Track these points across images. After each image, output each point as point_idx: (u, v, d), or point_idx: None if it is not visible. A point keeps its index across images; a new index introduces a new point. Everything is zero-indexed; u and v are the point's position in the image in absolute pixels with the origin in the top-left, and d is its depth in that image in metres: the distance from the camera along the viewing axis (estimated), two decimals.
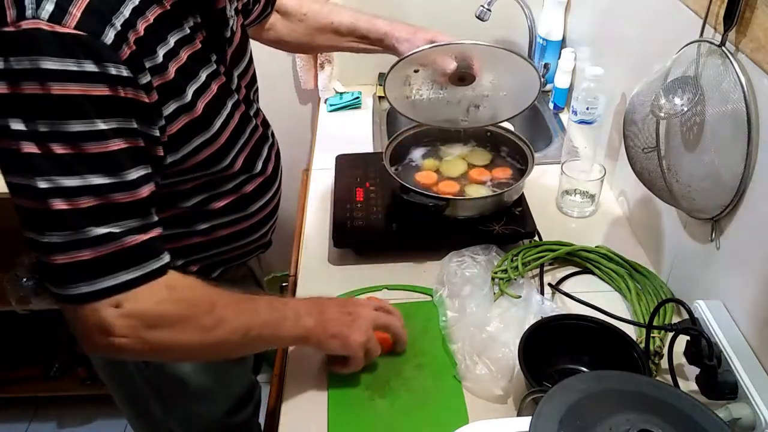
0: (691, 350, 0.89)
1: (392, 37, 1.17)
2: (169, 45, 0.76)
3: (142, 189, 0.74)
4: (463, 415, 0.93)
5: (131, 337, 0.75)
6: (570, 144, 1.41)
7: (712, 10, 0.90)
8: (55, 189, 0.68)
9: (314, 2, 1.21)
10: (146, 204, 0.75)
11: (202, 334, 0.80)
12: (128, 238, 0.72)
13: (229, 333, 0.82)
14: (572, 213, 1.33)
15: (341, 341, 0.91)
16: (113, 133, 0.69)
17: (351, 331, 0.92)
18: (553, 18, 1.67)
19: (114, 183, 0.71)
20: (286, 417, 0.95)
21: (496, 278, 1.11)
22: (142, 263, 0.74)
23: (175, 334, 0.78)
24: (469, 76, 1.19)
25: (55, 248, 0.70)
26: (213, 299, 0.81)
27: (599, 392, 0.65)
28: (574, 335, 0.97)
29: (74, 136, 0.67)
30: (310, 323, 0.89)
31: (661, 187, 1.01)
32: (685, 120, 0.95)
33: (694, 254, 1.03)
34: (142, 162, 0.74)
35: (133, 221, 0.73)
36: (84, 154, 0.68)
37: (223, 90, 0.86)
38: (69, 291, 0.72)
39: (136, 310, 0.74)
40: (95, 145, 0.68)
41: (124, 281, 0.72)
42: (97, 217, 0.70)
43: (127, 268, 0.73)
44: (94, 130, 0.68)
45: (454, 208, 1.18)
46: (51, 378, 2.05)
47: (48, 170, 0.67)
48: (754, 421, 0.79)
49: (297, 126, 1.92)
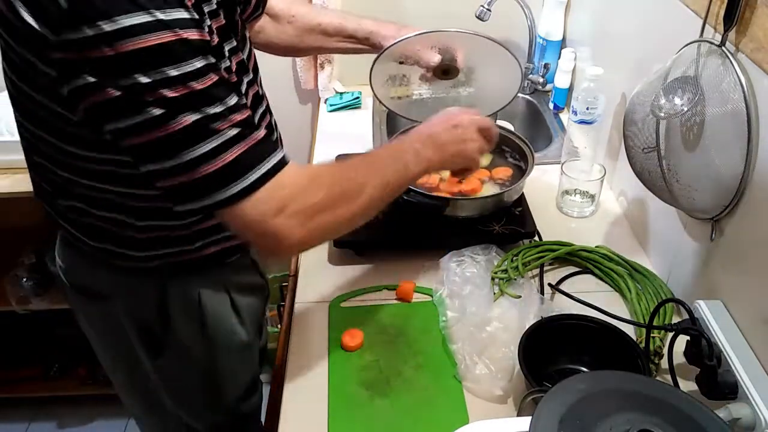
0: (691, 350, 0.89)
1: (378, 35, 1.18)
2: (206, 13, 0.79)
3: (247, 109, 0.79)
4: (463, 415, 0.93)
5: (302, 233, 0.79)
6: (570, 144, 1.41)
7: (712, 10, 0.90)
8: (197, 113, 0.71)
9: (302, 5, 1.23)
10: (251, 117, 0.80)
11: (353, 204, 0.84)
12: (255, 134, 0.76)
13: (372, 193, 0.86)
14: (572, 213, 1.33)
15: (461, 157, 0.99)
16: (209, 68, 0.73)
17: (465, 144, 0.99)
18: (553, 18, 1.67)
19: (234, 101, 0.75)
20: (286, 416, 0.95)
21: (496, 278, 1.11)
22: (272, 152, 0.78)
23: (334, 213, 0.83)
24: (454, 69, 1.20)
25: (201, 160, 0.73)
26: (348, 170, 0.87)
27: (599, 392, 0.65)
28: (574, 335, 0.97)
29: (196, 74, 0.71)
30: (430, 154, 0.94)
31: (661, 187, 1.01)
32: (685, 120, 0.95)
33: (694, 254, 1.03)
34: (236, 86, 0.80)
35: (250, 123, 0.77)
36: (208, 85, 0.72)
37: (240, 66, 0.88)
38: (224, 194, 0.75)
39: (299, 208, 0.78)
40: (198, 81, 0.72)
41: (268, 169, 0.76)
42: (231, 122, 0.74)
43: (263, 159, 0.76)
44: (206, 64, 0.72)
45: (454, 208, 1.18)
46: (51, 378, 2.05)
47: (186, 100, 0.71)
48: (754, 421, 0.79)
49: (297, 126, 1.92)
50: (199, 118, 0.71)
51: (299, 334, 1.08)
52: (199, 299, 0.98)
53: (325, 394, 0.96)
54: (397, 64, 1.20)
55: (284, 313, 1.25)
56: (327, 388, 0.97)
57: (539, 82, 1.74)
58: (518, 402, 0.89)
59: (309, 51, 1.57)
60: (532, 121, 1.75)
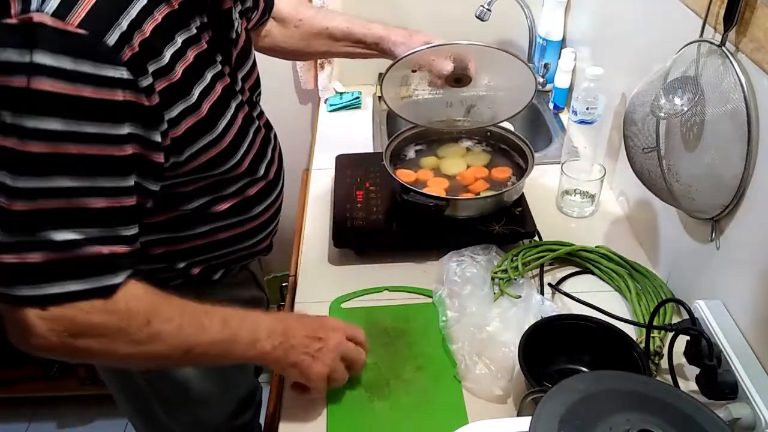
0: (691, 350, 0.89)
1: (388, 41, 1.17)
2: (176, 45, 0.75)
3: (122, 198, 0.72)
4: (462, 415, 0.93)
5: (54, 341, 0.71)
6: (570, 144, 1.41)
7: (712, 10, 0.90)
8: (19, 189, 0.66)
9: (309, 8, 1.22)
10: (121, 215, 0.72)
11: (134, 347, 0.76)
12: (89, 248, 0.69)
13: (167, 349, 0.78)
14: (572, 213, 1.33)
15: (301, 371, 0.87)
16: (97, 138, 0.67)
17: (313, 361, 0.87)
18: (553, 18, 1.67)
19: (88, 188, 0.68)
20: (286, 418, 0.94)
21: (496, 278, 1.11)
22: (95, 276, 0.70)
23: (103, 344, 0.74)
24: (466, 77, 1.20)
25: (3, 248, 0.67)
26: (153, 312, 0.76)
27: (599, 392, 0.65)
28: (574, 335, 0.97)
29: (54, 135, 0.65)
30: (268, 347, 0.85)
31: (661, 187, 1.01)
32: (685, 120, 0.95)
33: (694, 254, 1.03)
34: (127, 170, 0.71)
35: (98, 230, 0.70)
36: (60, 154, 0.66)
37: (227, 91, 0.85)
38: (7, 291, 0.69)
39: (61, 316, 0.70)
40: (75, 146, 0.66)
41: (69, 292, 0.69)
42: (60, 221, 0.68)
43: (77, 279, 0.69)
44: (78, 132, 0.66)
45: (454, 208, 1.18)
46: (51, 378, 2.04)
47: (18, 168, 0.65)
48: (754, 421, 0.79)
49: (297, 126, 1.92)
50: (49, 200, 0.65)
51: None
52: None
53: (324, 395, 0.96)
54: (407, 69, 1.19)
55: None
56: (326, 389, 0.97)
57: (539, 82, 1.74)
58: (518, 402, 0.89)
59: (315, 55, 1.56)
60: (532, 121, 1.75)
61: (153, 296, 0.77)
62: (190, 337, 0.79)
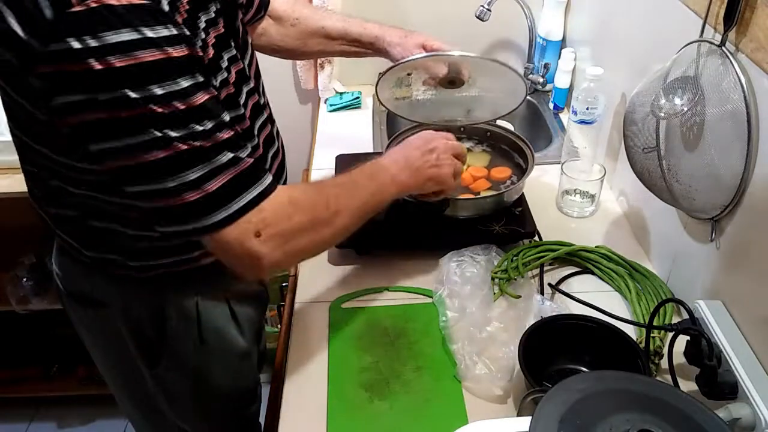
0: (691, 350, 0.89)
1: (383, 40, 1.19)
2: (202, 24, 0.78)
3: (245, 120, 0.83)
4: (462, 415, 0.93)
5: (278, 255, 0.80)
6: (570, 144, 1.41)
7: (712, 10, 0.90)
8: (192, 133, 0.72)
9: (305, 7, 1.22)
10: (246, 132, 0.83)
11: (328, 228, 0.86)
12: (241, 163, 0.77)
13: (349, 217, 0.88)
14: (572, 213, 1.33)
15: (436, 180, 1.02)
16: (200, 86, 0.73)
17: (440, 168, 1.01)
18: (553, 18, 1.67)
19: (224, 120, 0.76)
20: (285, 418, 0.95)
21: (496, 278, 1.11)
22: (257, 181, 0.78)
23: (310, 236, 0.84)
24: (459, 80, 1.22)
25: (185, 188, 0.73)
26: (325, 195, 0.87)
27: (599, 392, 0.65)
28: (574, 335, 0.97)
29: (182, 93, 0.70)
30: (405, 178, 0.97)
31: (661, 187, 1.01)
32: (685, 120, 0.95)
33: (694, 254, 1.03)
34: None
35: (240, 145, 0.78)
36: (192, 106, 0.72)
37: (240, 75, 0.88)
38: (205, 222, 0.75)
39: (276, 231, 0.79)
40: (201, 94, 0.72)
41: (251, 199, 0.77)
42: (218, 143, 0.75)
43: (248, 188, 0.77)
44: (193, 83, 0.71)
45: (454, 208, 1.18)
46: (51, 378, 2.05)
47: (171, 121, 0.70)
48: (754, 421, 0.79)
49: (297, 126, 1.92)
50: (184, 143, 0.71)
51: (299, 334, 1.08)
52: (197, 309, 0.98)
53: (324, 395, 0.96)
54: (402, 72, 1.21)
55: (284, 313, 1.25)
56: (326, 390, 0.97)
57: (539, 82, 1.74)
58: (518, 402, 0.89)
59: (312, 55, 1.56)
60: (532, 121, 1.75)
61: (310, 187, 0.94)
62: (358, 201, 0.91)
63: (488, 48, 1.81)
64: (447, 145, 1.04)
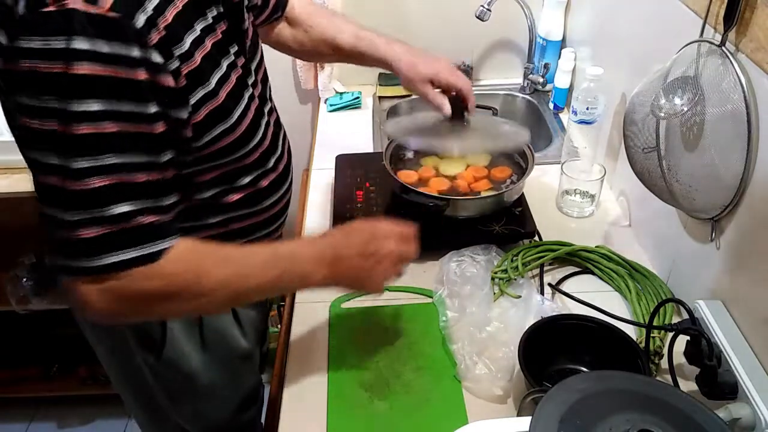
0: (691, 350, 0.89)
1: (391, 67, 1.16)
2: (195, 32, 0.77)
3: (163, 171, 0.76)
4: (462, 415, 0.93)
5: (114, 308, 0.75)
6: (570, 144, 1.41)
7: (712, 10, 0.90)
8: (71, 169, 0.69)
9: (321, 16, 1.20)
10: (163, 186, 0.76)
11: (187, 304, 0.80)
12: (140, 218, 0.73)
13: (221, 300, 0.82)
14: (572, 213, 1.33)
15: (359, 288, 0.92)
16: (133, 116, 0.70)
17: (371, 276, 0.88)
18: (553, 18, 1.67)
19: (132, 163, 0.71)
20: (285, 418, 0.95)
21: (496, 278, 1.11)
22: (139, 246, 0.73)
23: (159, 306, 0.79)
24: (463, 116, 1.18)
25: (62, 225, 0.71)
26: (201, 269, 0.79)
27: (599, 392, 0.65)
28: (574, 335, 0.97)
29: (96, 116, 0.68)
30: (319, 278, 0.86)
31: (661, 187, 1.01)
32: (685, 120, 0.95)
33: (694, 254, 1.03)
34: (162, 146, 0.75)
35: (146, 201, 0.74)
36: (103, 133, 0.69)
37: (240, 82, 0.87)
38: (66, 262, 0.72)
39: (115, 286, 0.73)
40: (115, 125, 0.69)
41: (122, 260, 0.72)
42: (113, 196, 0.71)
43: (123, 249, 0.73)
44: (116, 111, 0.69)
45: (454, 208, 1.18)
46: (51, 378, 2.05)
47: (67, 149, 0.68)
48: (754, 421, 0.79)
49: (297, 126, 1.92)
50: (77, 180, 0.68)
51: (299, 334, 1.08)
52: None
53: (324, 395, 0.96)
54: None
55: (284, 313, 1.25)
56: (327, 390, 0.97)
57: (539, 82, 1.74)
58: (518, 402, 0.89)
59: (321, 60, 1.59)
60: (532, 121, 1.75)
61: (198, 253, 0.80)
62: (237, 286, 0.82)
63: (488, 48, 1.81)
64: (392, 252, 0.89)
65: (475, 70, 1.84)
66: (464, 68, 1.81)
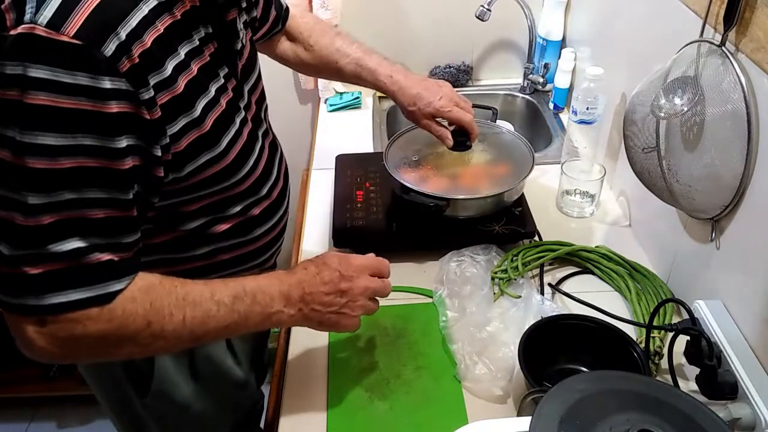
0: (691, 350, 0.89)
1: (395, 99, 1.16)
2: (179, 57, 0.73)
3: (124, 209, 0.70)
4: (462, 415, 0.93)
5: (56, 351, 0.71)
6: (570, 144, 1.41)
7: (712, 10, 0.90)
8: (20, 203, 0.64)
9: (323, 35, 1.17)
10: (123, 224, 0.71)
11: (137, 347, 0.75)
12: (92, 256, 0.68)
13: (173, 342, 0.76)
14: (572, 213, 1.33)
15: (329, 328, 0.86)
16: (95, 151, 0.65)
17: (340, 317, 0.84)
18: (553, 18, 1.67)
19: (89, 199, 0.67)
20: (285, 418, 0.94)
21: (496, 278, 1.11)
22: (97, 284, 0.69)
23: (105, 349, 0.74)
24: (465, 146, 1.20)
25: (6, 260, 0.66)
26: (152, 312, 0.73)
27: (599, 392, 0.65)
28: (574, 335, 0.97)
29: (50, 150, 0.63)
30: (285, 317, 0.81)
31: (661, 187, 1.01)
32: (685, 120, 0.95)
33: (694, 254, 1.03)
34: (127, 182, 0.70)
35: (100, 239, 0.68)
36: (58, 169, 0.64)
37: (231, 105, 0.83)
38: (10, 300, 0.68)
39: (59, 329, 0.69)
40: (72, 160, 0.64)
41: (70, 301, 0.68)
42: (63, 232, 0.66)
43: (75, 288, 0.68)
44: (75, 145, 0.64)
45: (454, 208, 1.18)
46: (51, 378, 2.04)
47: (16, 183, 0.64)
48: (754, 421, 0.79)
49: (297, 126, 1.92)
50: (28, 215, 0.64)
51: (299, 334, 1.07)
52: None
53: (324, 395, 0.96)
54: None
55: None
56: (326, 390, 0.97)
57: (539, 82, 1.74)
58: (518, 402, 0.89)
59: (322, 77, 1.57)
60: (532, 121, 1.75)
61: (155, 293, 0.74)
62: (196, 328, 0.76)
63: (488, 48, 1.81)
64: (366, 289, 0.85)
65: (475, 70, 1.84)
66: (464, 68, 1.81)
